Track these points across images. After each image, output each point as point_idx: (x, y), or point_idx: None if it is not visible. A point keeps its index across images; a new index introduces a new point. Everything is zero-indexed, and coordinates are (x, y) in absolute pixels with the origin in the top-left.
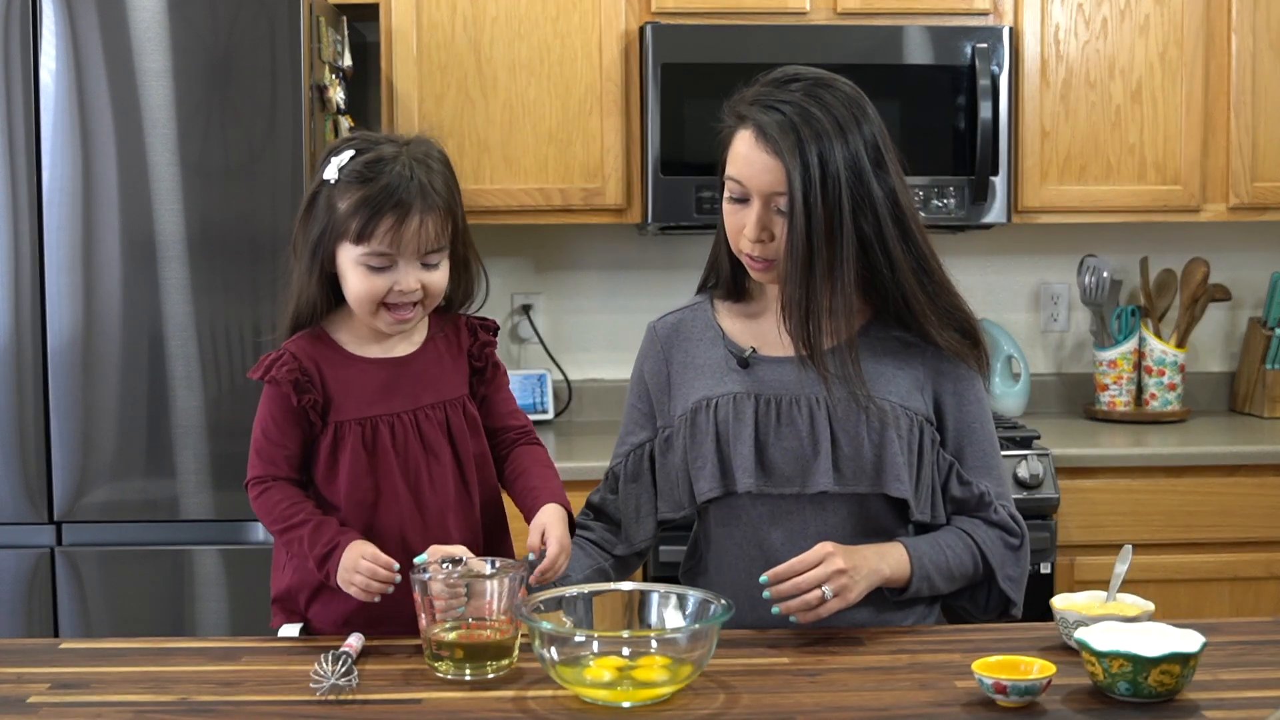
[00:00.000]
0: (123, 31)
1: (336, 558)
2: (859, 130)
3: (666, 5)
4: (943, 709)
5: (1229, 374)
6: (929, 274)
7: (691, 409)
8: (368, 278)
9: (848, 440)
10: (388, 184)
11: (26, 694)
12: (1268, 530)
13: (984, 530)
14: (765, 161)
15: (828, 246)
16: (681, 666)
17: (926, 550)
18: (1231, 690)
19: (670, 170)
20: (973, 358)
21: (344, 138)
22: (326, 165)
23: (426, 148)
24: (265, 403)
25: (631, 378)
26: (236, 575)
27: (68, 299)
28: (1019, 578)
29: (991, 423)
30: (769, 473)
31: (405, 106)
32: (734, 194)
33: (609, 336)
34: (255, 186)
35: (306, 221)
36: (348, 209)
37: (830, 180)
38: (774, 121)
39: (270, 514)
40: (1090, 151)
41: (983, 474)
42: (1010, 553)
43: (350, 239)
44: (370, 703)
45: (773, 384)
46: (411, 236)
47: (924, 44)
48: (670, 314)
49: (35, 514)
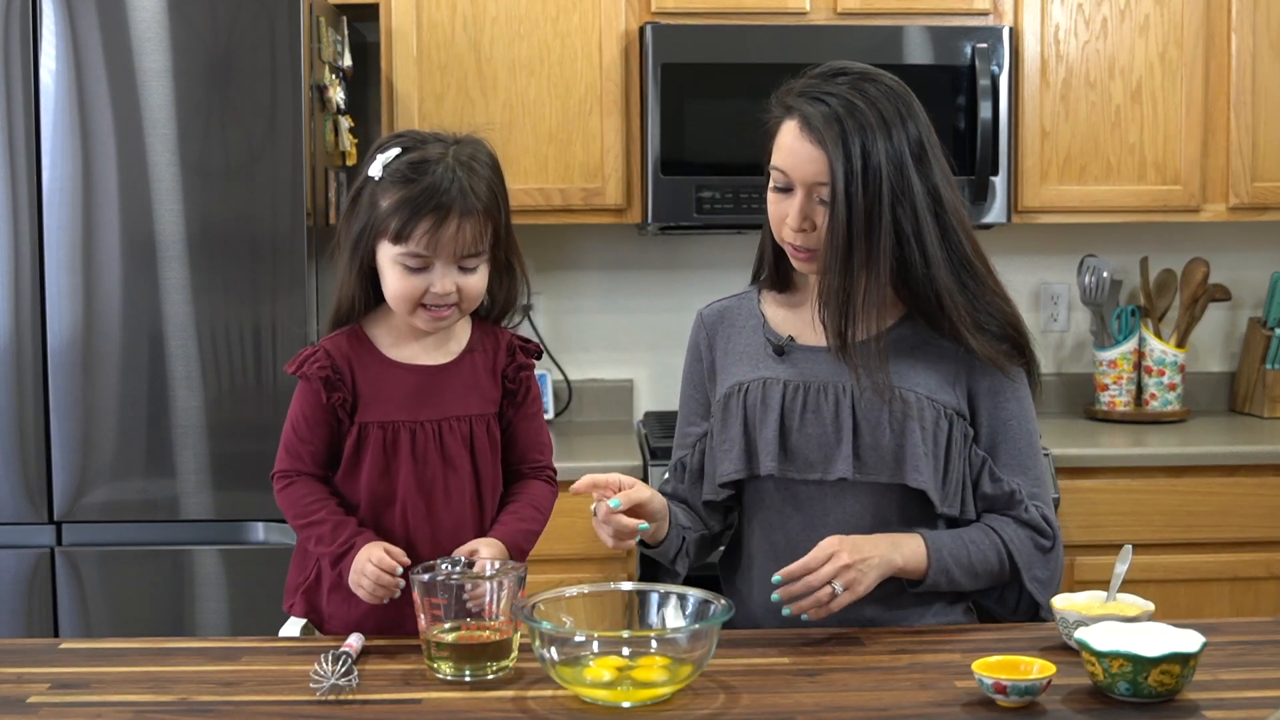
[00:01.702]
0: (123, 31)
1: (351, 559)
2: (903, 126)
3: (666, 5)
4: (943, 709)
5: (1229, 374)
6: (971, 273)
7: (725, 394)
8: (405, 277)
9: (869, 429)
10: (429, 185)
11: (26, 694)
12: (1268, 530)
13: (1013, 529)
14: (809, 151)
15: (866, 238)
16: (681, 666)
17: (947, 543)
18: (1231, 690)
19: (670, 170)
20: (1010, 364)
21: (393, 134)
22: (373, 161)
23: (474, 149)
24: (297, 398)
25: (684, 367)
26: (236, 575)
27: (68, 299)
28: (1048, 580)
29: (1033, 422)
30: (792, 458)
31: (405, 106)
32: (778, 183)
33: (609, 336)
34: (255, 186)
35: (350, 217)
36: (389, 207)
37: (871, 172)
38: (819, 113)
39: (292, 508)
40: (1090, 151)
41: (1017, 472)
42: (1040, 554)
43: (389, 237)
44: (370, 703)
45: (805, 372)
46: (449, 240)
47: (924, 44)
48: (718, 301)
49: (35, 514)
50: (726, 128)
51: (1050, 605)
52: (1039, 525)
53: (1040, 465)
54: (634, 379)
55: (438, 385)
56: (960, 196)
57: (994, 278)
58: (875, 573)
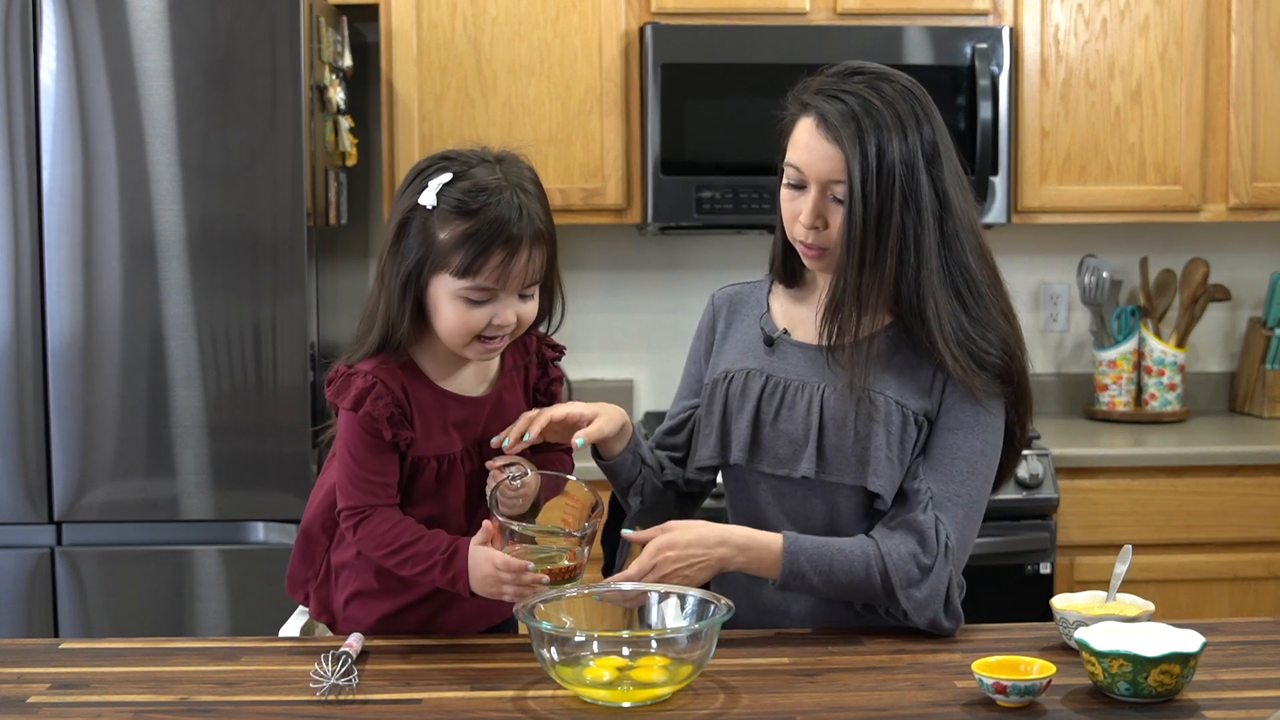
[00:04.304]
0: (123, 31)
1: (460, 562)
2: (918, 127)
3: (666, 5)
4: (943, 709)
5: (1229, 374)
6: (969, 285)
7: (712, 380)
8: (467, 311)
9: (835, 430)
10: (496, 218)
11: (26, 694)
12: (1268, 530)
13: (897, 542)
14: (825, 149)
15: (876, 237)
16: (681, 666)
17: (809, 549)
18: (1231, 690)
19: (670, 170)
20: (986, 393)
21: (433, 157)
22: (423, 189)
23: (520, 169)
24: (356, 433)
25: (692, 340)
26: (236, 575)
27: (68, 299)
28: (925, 601)
29: (986, 445)
30: (762, 452)
31: (405, 106)
32: (792, 180)
33: (609, 336)
34: (255, 186)
35: (398, 248)
36: (451, 241)
37: (885, 171)
38: (836, 110)
39: (373, 541)
40: (1090, 151)
41: (937, 477)
42: (919, 572)
43: (452, 272)
44: (370, 703)
45: (789, 368)
46: (519, 272)
47: (924, 44)
48: (734, 285)
49: (35, 514)
50: (726, 128)
51: (931, 624)
52: (926, 537)
53: (970, 487)
54: (634, 379)
55: (484, 414)
56: (972, 203)
57: (999, 292)
58: (707, 572)
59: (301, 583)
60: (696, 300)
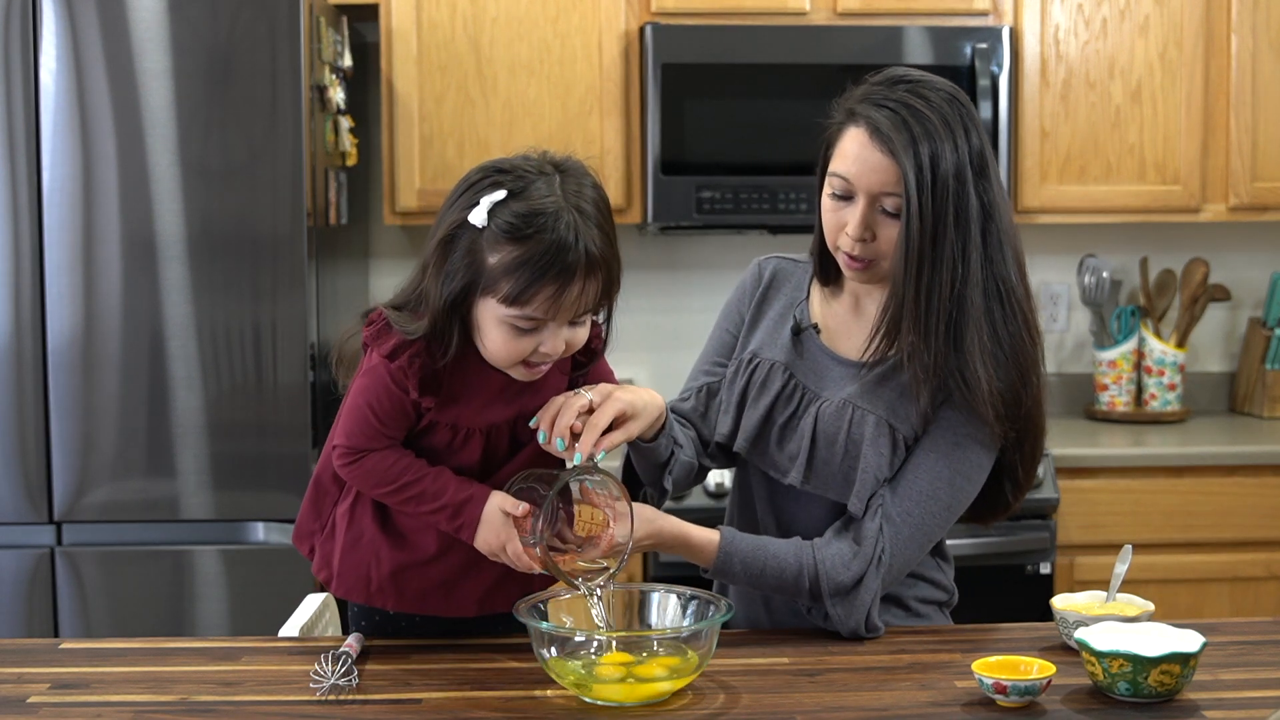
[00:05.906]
0: (123, 31)
1: (472, 513)
2: (965, 135)
3: (666, 5)
4: (943, 709)
5: (1229, 374)
6: (1003, 299)
7: (741, 358)
8: (513, 339)
9: (825, 445)
10: (550, 246)
11: (26, 694)
12: (1268, 530)
13: (834, 550)
14: (878, 160)
15: (933, 249)
16: (681, 666)
17: (743, 546)
18: (1231, 690)
19: (670, 170)
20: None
21: (486, 168)
22: (473, 205)
23: (580, 186)
24: (381, 381)
25: (728, 298)
26: (236, 575)
27: (68, 299)
28: (846, 614)
29: (953, 471)
30: (763, 450)
31: (405, 106)
32: (837, 190)
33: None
34: (255, 186)
35: (442, 267)
36: (501, 266)
37: (940, 183)
38: (887, 120)
39: (373, 477)
40: (1090, 151)
41: (896, 492)
42: (850, 582)
43: (500, 299)
44: (370, 703)
45: (811, 372)
46: (570, 304)
47: (924, 44)
48: (783, 258)
49: (35, 514)
50: (727, 128)
51: (857, 634)
52: (864, 546)
53: (923, 510)
54: (634, 379)
55: (518, 393)
56: (1012, 214)
57: (1029, 307)
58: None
59: (308, 534)
60: (697, 300)
